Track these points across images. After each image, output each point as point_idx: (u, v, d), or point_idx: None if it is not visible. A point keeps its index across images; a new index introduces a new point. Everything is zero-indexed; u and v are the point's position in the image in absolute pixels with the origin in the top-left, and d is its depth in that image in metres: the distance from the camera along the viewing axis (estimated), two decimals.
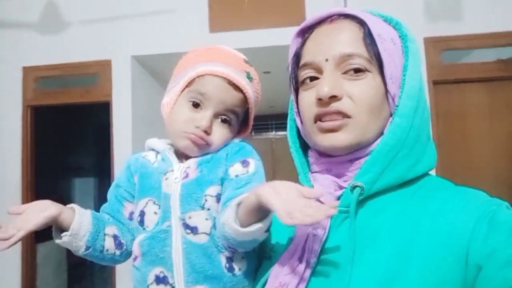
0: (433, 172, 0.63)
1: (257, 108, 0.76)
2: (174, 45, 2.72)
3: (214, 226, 0.64)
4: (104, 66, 2.91)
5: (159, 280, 0.64)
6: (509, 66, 2.67)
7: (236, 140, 0.73)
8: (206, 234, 0.64)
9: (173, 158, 0.70)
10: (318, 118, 0.58)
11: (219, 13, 2.84)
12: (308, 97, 0.60)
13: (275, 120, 6.42)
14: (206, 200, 0.65)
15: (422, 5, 2.69)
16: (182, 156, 0.71)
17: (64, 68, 2.95)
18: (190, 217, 0.64)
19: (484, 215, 0.49)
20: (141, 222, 0.68)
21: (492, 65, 2.68)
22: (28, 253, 2.90)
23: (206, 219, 0.65)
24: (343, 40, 0.58)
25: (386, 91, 0.57)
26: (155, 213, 0.67)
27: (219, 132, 0.69)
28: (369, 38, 0.57)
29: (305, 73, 0.61)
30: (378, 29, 0.58)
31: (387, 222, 0.54)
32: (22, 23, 3.00)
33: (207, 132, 0.68)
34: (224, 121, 0.70)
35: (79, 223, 0.65)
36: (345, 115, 0.56)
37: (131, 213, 0.71)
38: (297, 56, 0.64)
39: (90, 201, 4.89)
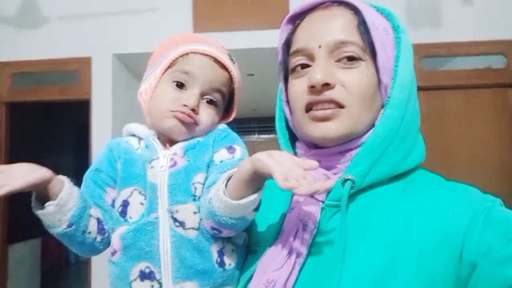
0: None
1: (239, 93, 0.74)
2: (157, 44, 2.69)
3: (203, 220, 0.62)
4: (84, 64, 2.85)
5: (145, 276, 0.60)
6: (486, 74, 2.75)
7: (222, 127, 0.71)
8: (194, 229, 0.61)
9: (157, 144, 0.66)
10: (310, 107, 0.56)
11: (203, 13, 2.82)
12: (299, 85, 0.58)
13: (257, 123, 6.43)
14: (196, 188, 0.62)
15: (404, 11, 2.75)
16: (166, 142, 0.68)
17: (42, 64, 2.87)
18: (177, 211, 0.61)
19: (479, 212, 0.48)
20: (123, 213, 0.63)
21: (469, 73, 2.76)
22: None
23: (194, 212, 0.62)
24: (337, 27, 0.56)
25: (379, 81, 0.56)
26: (142, 203, 0.63)
27: (206, 113, 0.67)
28: (363, 26, 0.56)
29: (296, 60, 0.59)
30: (372, 18, 0.57)
31: (379, 217, 0.53)
32: None
33: (195, 111, 0.65)
34: (210, 102, 0.68)
35: (68, 194, 0.59)
36: (338, 104, 0.55)
37: (114, 200, 0.66)
38: (288, 43, 0.62)
39: None
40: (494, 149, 2.69)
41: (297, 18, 0.62)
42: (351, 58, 0.55)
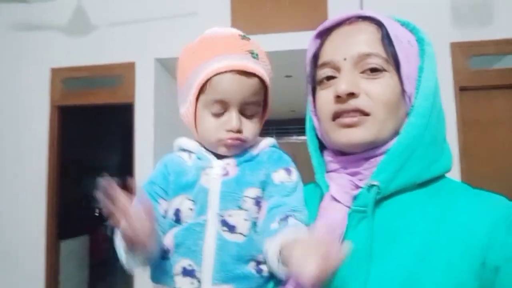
0: (457, 179, 0.62)
1: (278, 95, 0.74)
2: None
3: (252, 228, 0.64)
4: (128, 68, 2.97)
5: (186, 272, 0.63)
6: None
7: (271, 142, 0.72)
8: (243, 235, 0.64)
9: (211, 156, 0.70)
10: (336, 116, 0.59)
11: (241, 16, 2.86)
12: (325, 95, 0.61)
13: (296, 124, 6.39)
14: (244, 201, 0.65)
15: (450, 9, 2.63)
16: (217, 153, 0.70)
17: (90, 69, 3.03)
18: (230, 215, 0.64)
19: (504, 218, 0.50)
20: (178, 220, 0.67)
21: None
22: (52, 248, 2.97)
23: (245, 219, 0.64)
24: (361, 41, 0.59)
25: (403, 90, 0.58)
26: (190, 209, 0.66)
27: (249, 127, 0.68)
28: (386, 39, 0.59)
29: (323, 72, 0.62)
30: (396, 31, 0.60)
31: (407, 224, 0.54)
32: (52, 26, 3.10)
33: (239, 131, 0.67)
34: (249, 115, 0.69)
35: (157, 250, 0.63)
36: (363, 113, 0.57)
37: (166, 211, 0.70)
38: (315, 56, 0.66)
39: None
40: None
41: (324, 34, 0.65)
42: (374, 69, 0.58)
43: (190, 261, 0.63)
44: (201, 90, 0.67)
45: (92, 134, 4.59)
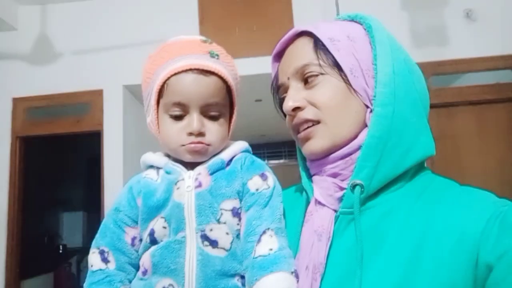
0: None
1: (238, 84, 0.71)
2: None
3: (235, 242, 0.62)
4: (96, 96, 2.91)
5: None
6: (497, 89, 2.73)
7: (243, 146, 0.70)
8: (225, 249, 0.61)
9: (179, 168, 0.66)
10: (296, 131, 0.63)
11: None
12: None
13: (267, 149, 6.44)
14: (221, 214, 0.62)
15: (408, 31, 2.77)
16: (187, 164, 0.67)
17: (56, 98, 2.94)
18: (211, 230, 0.61)
19: (495, 215, 0.49)
20: (153, 241, 0.63)
21: (479, 89, 2.74)
22: None
23: (227, 233, 0.62)
24: (295, 56, 0.63)
25: (351, 86, 0.58)
26: (164, 227, 0.63)
27: (213, 129, 0.65)
28: (320, 44, 0.60)
29: (282, 96, 0.66)
30: (329, 33, 0.60)
31: (395, 225, 0.54)
32: (13, 55, 3.01)
33: (201, 133, 0.64)
34: (212, 117, 0.66)
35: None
36: (313, 121, 0.60)
37: (133, 239, 0.66)
38: (277, 79, 0.69)
39: (79, 235, 4.74)
40: (509, 164, 2.64)
41: (281, 56, 0.68)
42: (311, 77, 0.60)
43: (170, 280, 0.60)
44: (160, 94, 0.65)
45: (58, 166, 4.41)
